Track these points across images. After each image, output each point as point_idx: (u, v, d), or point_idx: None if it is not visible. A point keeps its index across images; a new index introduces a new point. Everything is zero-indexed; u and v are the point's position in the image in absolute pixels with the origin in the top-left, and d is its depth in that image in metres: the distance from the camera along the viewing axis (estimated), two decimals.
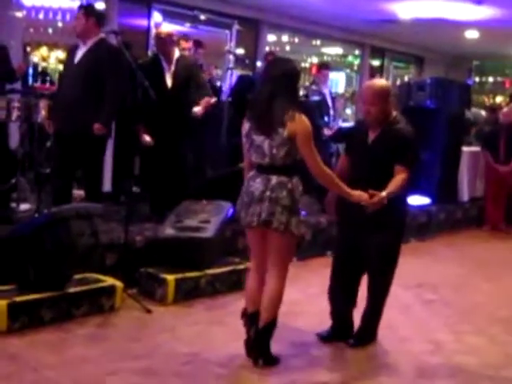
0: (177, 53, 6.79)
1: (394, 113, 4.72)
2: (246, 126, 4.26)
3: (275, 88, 4.12)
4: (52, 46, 9.70)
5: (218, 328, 5.04)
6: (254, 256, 4.50)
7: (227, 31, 10.70)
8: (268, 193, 4.10)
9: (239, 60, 9.92)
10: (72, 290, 4.99)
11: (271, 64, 4.69)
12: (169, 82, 6.67)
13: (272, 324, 4.33)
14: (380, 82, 5.05)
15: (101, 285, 5.24)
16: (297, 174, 4.21)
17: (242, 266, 6.15)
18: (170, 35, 6.78)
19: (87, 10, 6.09)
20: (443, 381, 4.38)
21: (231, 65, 9.68)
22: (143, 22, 9.61)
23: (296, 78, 4.32)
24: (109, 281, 5.31)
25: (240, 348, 4.55)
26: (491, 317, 5.84)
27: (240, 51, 11.16)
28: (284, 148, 4.08)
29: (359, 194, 4.27)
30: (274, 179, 4.11)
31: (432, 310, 5.92)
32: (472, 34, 11.85)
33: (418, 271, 7.35)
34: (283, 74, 4.18)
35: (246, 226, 4.34)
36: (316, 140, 9.27)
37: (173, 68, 6.72)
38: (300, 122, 4.09)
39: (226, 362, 4.33)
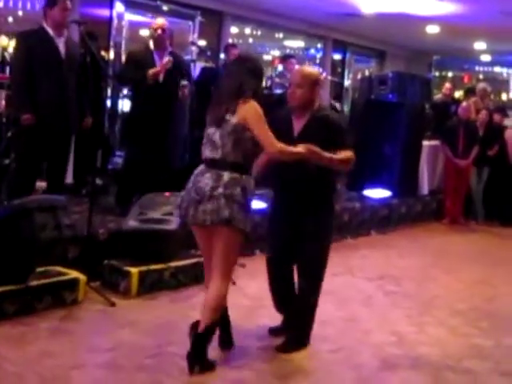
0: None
1: (318, 103, 4.56)
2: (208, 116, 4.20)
3: (235, 82, 4.06)
4: (12, 35, 9.52)
5: (182, 321, 4.99)
6: (205, 256, 4.32)
7: (190, 22, 10.64)
8: (221, 189, 3.93)
9: (202, 52, 9.88)
10: (34, 283, 4.93)
11: (236, 60, 4.64)
12: (160, 76, 6.60)
13: (211, 329, 4.11)
14: (311, 68, 5.04)
15: (63, 278, 5.18)
16: (248, 172, 4.09)
17: None
18: (168, 29, 6.74)
19: None
20: (406, 372, 4.44)
21: (194, 57, 9.65)
22: (105, 13, 9.49)
23: (259, 76, 4.24)
24: (72, 274, 5.26)
25: None
26: (451, 308, 5.93)
27: (202, 43, 11.11)
28: (232, 137, 3.96)
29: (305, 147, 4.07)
30: (226, 175, 3.95)
31: (394, 302, 5.98)
32: (433, 29, 11.96)
33: (380, 264, 7.45)
34: (246, 68, 4.14)
35: (195, 224, 4.11)
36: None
37: (165, 61, 6.66)
38: (250, 107, 3.98)
39: None
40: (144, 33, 9.59)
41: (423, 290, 6.50)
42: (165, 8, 10.22)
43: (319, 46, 14.03)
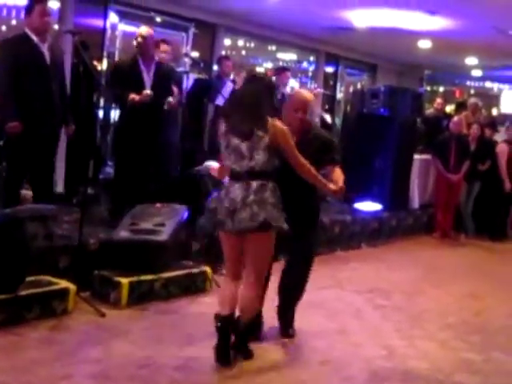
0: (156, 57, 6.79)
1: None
2: (222, 127, 4.44)
3: (257, 100, 4.35)
4: None
5: (173, 332, 5.02)
6: (233, 261, 4.58)
7: (183, 34, 10.67)
8: (252, 197, 4.24)
9: (195, 63, 9.90)
10: (24, 292, 4.91)
11: (253, 78, 4.77)
12: (147, 87, 6.61)
13: (250, 327, 4.59)
14: (308, 92, 5.33)
15: (53, 287, 5.17)
16: (273, 179, 4.36)
17: (195, 270, 6.17)
18: (152, 37, 6.75)
19: None
20: None
21: (187, 68, 9.66)
22: (99, 23, 9.49)
23: (274, 93, 4.70)
24: (62, 283, 5.25)
25: (195, 352, 4.57)
26: (441, 322, 5.95)
27: (195, 54, 11.14)
28: (266, 153, 4.29)
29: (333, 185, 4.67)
30: (254, 183, 4.27)
31: (384, 315, 5.99)
32: (425, 44, 12.02)
33: (370, 277, 7.46)
34: (264, 85, 4.50)
35: (233, 233, 4.39)
36: None
37: (152, 73, 6.67)
38: (279, 129, 4.34)
39: (181, 366, 4.31)
40: None
41: (413, 304, 6.51)
42: (158, 19, 10.24)
43: (312, 58, 14.09)
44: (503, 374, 4.85)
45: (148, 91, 6.49)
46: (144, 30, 6.76)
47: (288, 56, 13.97)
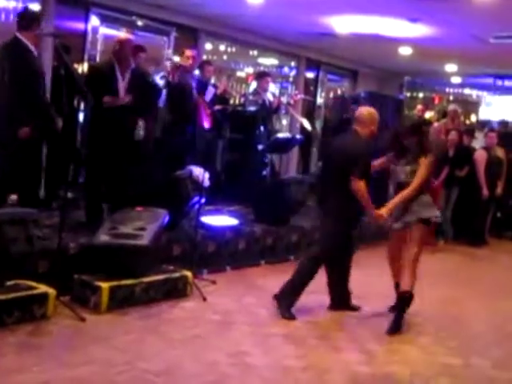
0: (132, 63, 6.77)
1: None
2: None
3: None
4: None
5: (153, 336, 5.00)
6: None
7: (165, 38, 10.66)
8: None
9: (177, 68, 9.85)
10: (3, 297, 4.87)
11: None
12: (121, 92, 6.58)
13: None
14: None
15: (33, 292, 5.12)
16: None
17: (176, 274, 6.15)
18: (130, 42, 6.72)
19: None
20: None
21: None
22: (80, 26, 9.48)
23: None
24: (41, 288, 5.20)
25: (176, 357, 4.56)
26: (421, 327, 5.98)
27: (177, 59, 11.11)
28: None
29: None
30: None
31: (363, 321, 6.01)
32: (405, 51, 12.10)
33: (351, 282, 7.45)
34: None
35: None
36: (250, 150, 9.40)
37: (127, 78, 6.64)
38: None
39: (162, 371, 4.30)
40: None
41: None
42: (140, 23, 10.23)
43: (293, 64, 14.12)
44: (482, 379, 4.89)
45: (126, 98, 6.51)
46: (122, 35, 6.76)
47: (269, 61, 13.99)
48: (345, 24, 10.32)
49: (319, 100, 14.91)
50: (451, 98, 17.42)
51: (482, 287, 7.83)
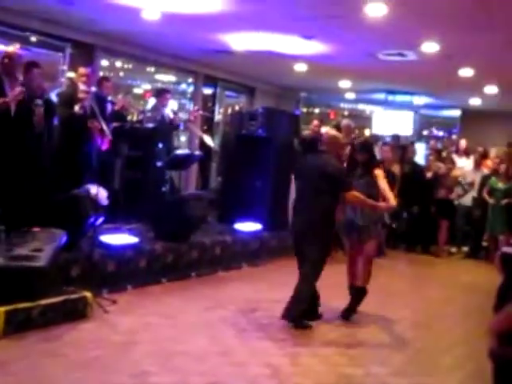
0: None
1: None
2: None
3: None
4: None
5: (52, 360, 4.86)
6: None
7: (60, 54, 10.45)
8: None
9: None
10: None
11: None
12: (12, 108, 6.40)
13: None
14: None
15: None
16: None
17: (76, 295, 6.00)
18: (20, 57, 6.56)
19: None
20: None
21: (65, 89, 9.43)
22: None
23: None
24: None
25: (77, 380, 4.47)
26: (324, 338, 6.09)
27: (71, 75, 10.92)
28: None
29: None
30: None
31: (267, 334, 6.04)
32: (301, 67, 12.34)
33: (252, 296, 7.51)
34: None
35: None
36: (149, 167, 9.29)
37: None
38: None
39: None
40: None
41: None
42: (33, 39, 9.98)
43: (190, 80, 14.15)
44: None
45: (19, 88, 6.35)
46: (10, 49, 6.61)
47: (166, 77, 13.98)
48: (241, 41, 10.44)
49: (217, 116, 14.99)
50: (346, 113, 17.93)
51: (382, 295, 8.01)
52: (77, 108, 7.34)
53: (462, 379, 5.37)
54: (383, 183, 6.79)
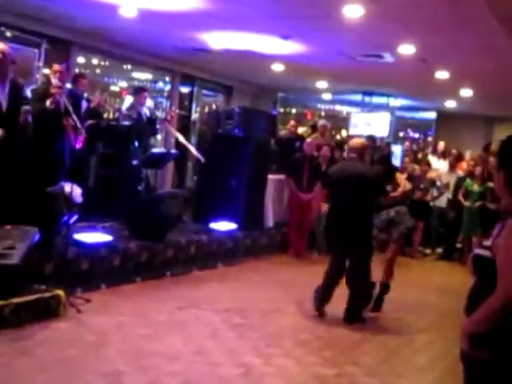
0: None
1: None
2: None
3: None
4: None
5: (24, 360, 4.81)
6: None
7: (36, 50, 10.35)
8: None
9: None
10: None
11: None
12: (4, 104, 6.33)
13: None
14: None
15: None
16: None
17: (49, 294, 5.94)
18: (9, 53, 6.48)
19: None
20: None
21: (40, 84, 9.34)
22: None
23: None
24: None
25: (48, 380, 4.43)
26: (296, 339, 6.09)
27: (47, 71, 10.83)
28: None
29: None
30: None
31: (241, 334, 6.05)
32: (278, 67, 12.36)
33: (226, 296, 7.51)
34: None
35: None
36: (125, 165, 9.23)
37: (7, 89, 6.39)
38: None
39: None
40: None
41: (269, 322, 6.62)
42: (8, 34, 9.88)
43: (167, 79, 14.11)
44: None
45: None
46: (1, 45, 6.53)
47: (143, 75, 13.92)
48: (219, 40, 10.43)
49: (194, 115, 14.96)
50: (323, 113, 17.96)
51: None
52: (48, 103, 7.25)
53: (434, 380, 5.42)
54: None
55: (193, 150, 10.50)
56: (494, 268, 2.57)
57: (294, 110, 18.14)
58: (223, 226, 9.81)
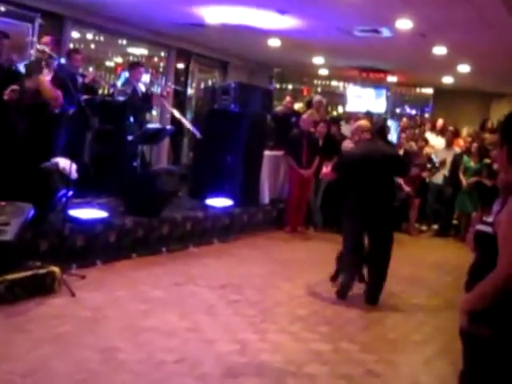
0: None
1: None
2: None
3: None
4: None
5: (19, 336, 4.79)
6: None
7: (29, 25, 10.23)
8: None
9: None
10: None
11: None
12: None
13: None
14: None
15: None
16: None
17: (44, 270, 5.92)
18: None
19: None
20: (249, 379, 4.50)
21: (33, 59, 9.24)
22: None
23: None
24: None
25: (44, 356, 4.40)
26: (292, 315, 6.09)
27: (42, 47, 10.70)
28: None
29: None
30: None
31: (237, 311, 6.03)
32: (274, 43, 12.26)
33: (222, 272, 7.50)
34: None
35: None
36: (120, 141, 9.17)
37: None
38: None
39: (28, 372, 4.13)
40: None
41: (265, 298, 6.61)
42: (2, 8, 9.76)
43: (163, 54, 13.99)
44: (350, 363, 5.02)
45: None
46: None
47: (139, 51, 13.80)
48: (215, 15, 10.32)
49: (190, 91, 14.86)
50: (319, 89, 17.87)
51: None
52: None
53: (430, 355, 5.41)
54: None
55: (189, 125, 10.44)
56: (495, 244, 2.54)
57: (290, 86, 18.04)
58: (219, 202, 9.77)
